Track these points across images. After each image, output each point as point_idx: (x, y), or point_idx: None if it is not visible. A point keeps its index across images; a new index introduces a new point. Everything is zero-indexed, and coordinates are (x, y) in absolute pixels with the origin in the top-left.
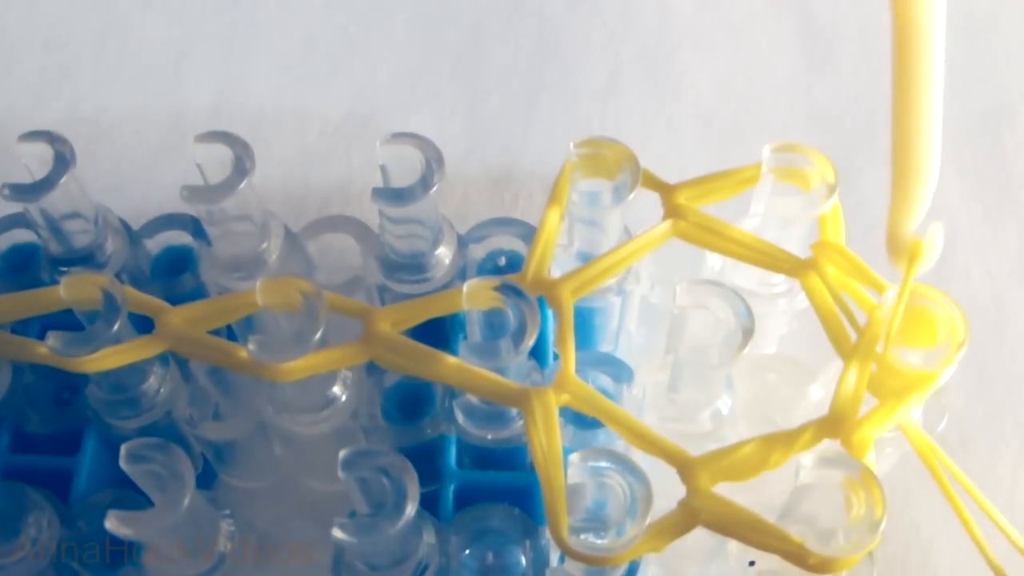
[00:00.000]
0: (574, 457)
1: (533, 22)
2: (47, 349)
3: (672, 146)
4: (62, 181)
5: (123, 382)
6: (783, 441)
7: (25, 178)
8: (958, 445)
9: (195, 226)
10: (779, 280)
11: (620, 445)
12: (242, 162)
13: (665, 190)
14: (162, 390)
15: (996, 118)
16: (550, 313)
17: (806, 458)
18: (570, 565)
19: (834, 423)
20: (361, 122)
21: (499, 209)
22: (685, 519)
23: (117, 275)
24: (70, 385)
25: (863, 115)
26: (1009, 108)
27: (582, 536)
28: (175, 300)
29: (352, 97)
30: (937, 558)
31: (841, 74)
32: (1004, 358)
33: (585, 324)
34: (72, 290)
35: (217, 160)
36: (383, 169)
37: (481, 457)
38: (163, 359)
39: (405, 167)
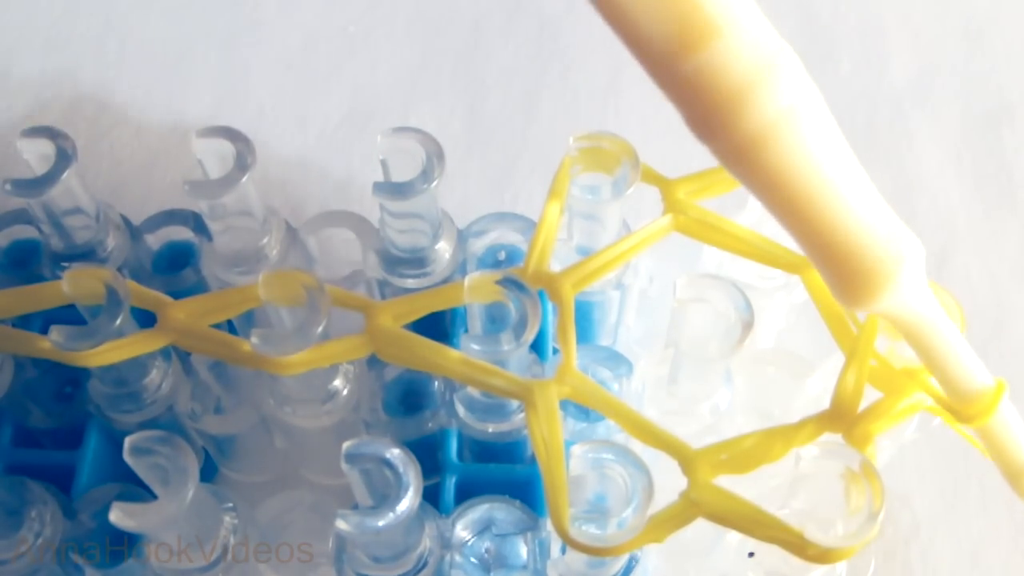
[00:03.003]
0: (576, 449)
1: (533, 22)
2: (50, 343)
3: (672, 145)
4: (64, 176)
5: (125, 376)
6: (785, 434)
7: (27, 174)
8: (958, 445)
9: (196, 221)
10: (777, 274)
11: (620, 438)
12: (243, 157)
13: (664, 185)
14: (164, 384)
15: (996, 118)
16: (550, 307)
17: (806, 449)
18: (571, 556)
19: (835, 417)
20: (361, 122)
21: (499, 208)
22: (686, 511)
23: (118, 270)
24: (72, 380)
25: (863, 115)
26: (1009, 108)
27: (583, 527)
28: (176, 295)
29: (352, 97)
30: (937, 558)
31: (841, 74)
32: (1004, 358)
33: (584, 318)
34: (75, 284)
35: (218, 155)
36: (383, 164)
37: (482, 450)
38: (165, 353)
39: (405, 162)
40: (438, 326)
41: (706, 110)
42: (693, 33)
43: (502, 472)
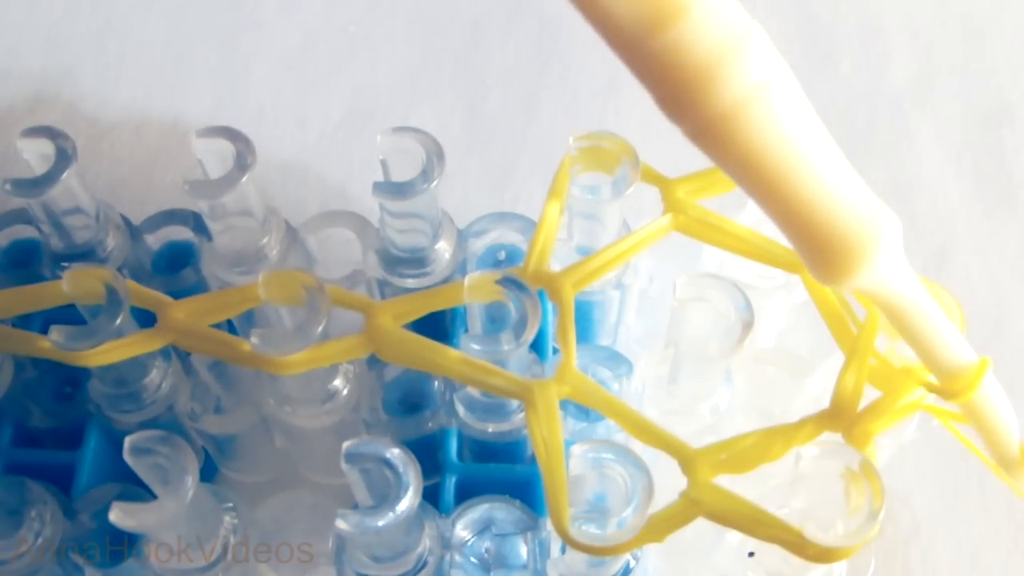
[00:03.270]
0: (576, 448)
1: (533, 22)
2: (50, 343)
3: (672, 145)
4: (63, 176)
5: (125, 376)
6: (784, 434)
7: (27, 174)
8: (958, 445)
9: (196, 221)
10: (777, 274)
11: (620, 438)
12: (243, 157)
13: (664, 184)
14: (164, 384)
15: (996, 118)
16: (550, 306)
17: (806, 448)
18: (571, 556)
19: (835, 416)
20: (361, 121)
21: (499, 208)
22: (686, 510)
23: (118, 270)
24: (72, 380)
25: (863, 115)
26: (1009, 108)
27: (583, 527)
28: (176, 295)
29: (352, 97)
30: (937, 558)
31: (841, 74)
32: (1004, 358)
33: (584, 318)
34: (75, 284)
35: (218, 155)
36: (383, 163)
37: (482, 449)
38: (165, 353)
39: (405, 162)
40: (438, 326)
41: (676, 88)
42: (661, 11)
43: (502, 472)
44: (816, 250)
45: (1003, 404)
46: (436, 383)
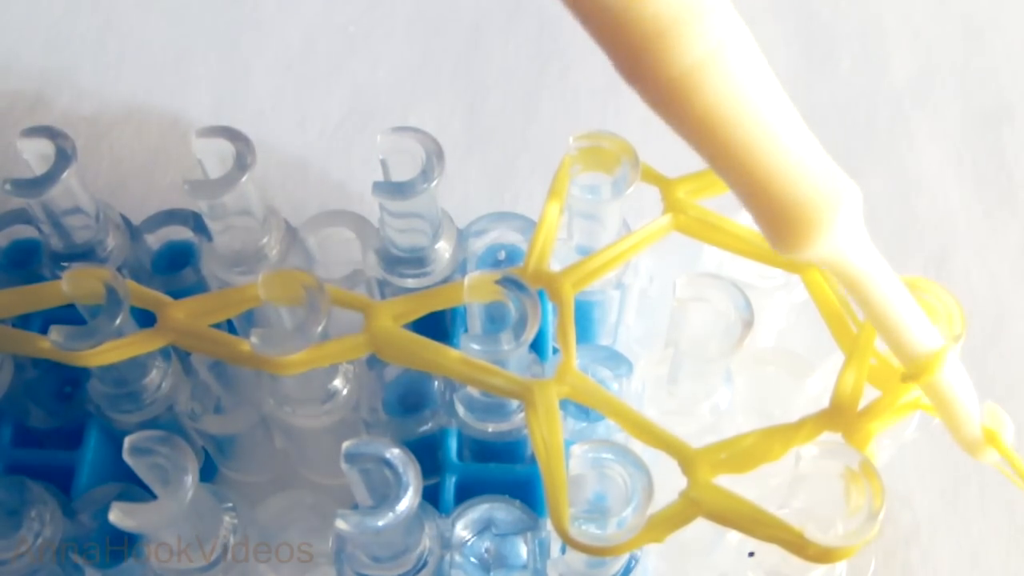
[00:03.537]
0: (575, 448)
1: (533, 22)
2: (50, 343)
3: (672, 145)
4: (63, 176)
5: (125, 376)
6: (784, 433)
7: (27, 174)
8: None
9: (196, 221)
10: (777, 273)
11: (620, 438)
12: (243, 157)
13: (664, 184)
14: (164, 384)
15: (996, 118)
16: (550, 306)
17: (806, 448)
18: (571, 556)
19: (834, 416)
20: (361, 121)
21: (499, 208)
22: (686, 510)
23: (118, 270)
24: (72, 380)
25: (863, 115)
26: (1009, 108)
27: (583, 527)
28: (176, 295)
29: (352, 96)
30: (937, 558)
31: (841, 74)
32: (1004, 358)
33: (584, 318)
34: (75, 284)
35: (218, 155)
36: (383, 163)
37: (482, 449)
38: (165, 353)
39: (405, 161)
40: (438, 326)
41: (633, 51)
42: None
43: (502, 472)
44: (774, 217)
45: (965, 388)
46: (436, 383)
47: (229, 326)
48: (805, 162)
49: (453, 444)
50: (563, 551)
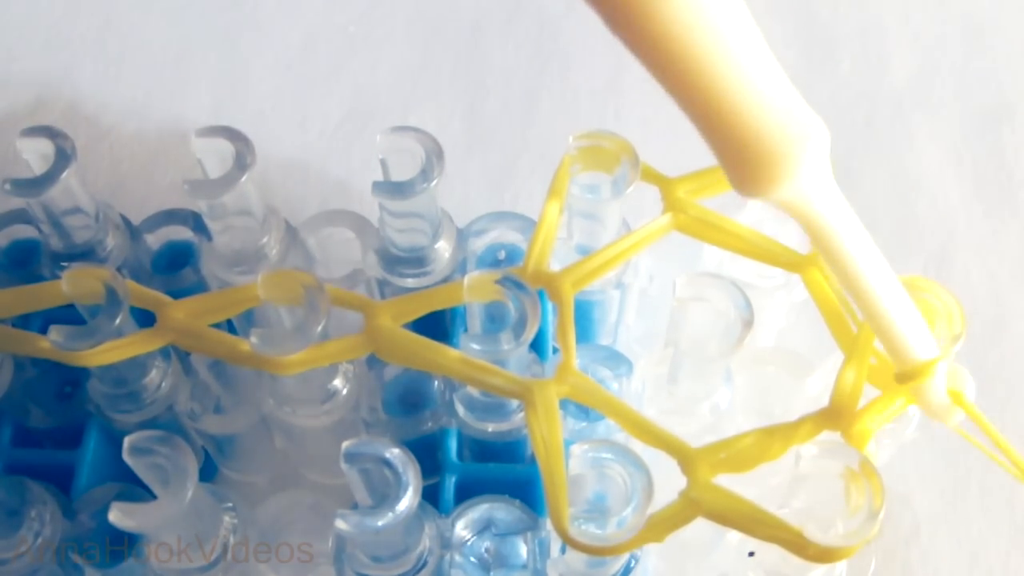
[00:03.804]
0: (575, 448)
1: (533, 22)
2: (49, 343)
3: (672, 146)
4: (63, 176)
5: (125, 376)
6: (783, 433)
7: (27, 174)
8: (958, 445)
9: (196, 221)
10: (777, 273)
11: (620, 437)
12: (243, 157)
13: (664, 184)
14: (163, 384)
15: (996, 118)
16: (550, 306)
17: (806, 448)
18: (571, 556)
19: (834, 415)
20: (361, 122)
21: (499, 208)
22: (686, 510)
23: (118, 270)
24: (72, 380)
25: (863, 115)
26: (1009, 108)
27: (583, 527)
28: (176, 295)
29: (352, 96)
30: (937, 558)
31: (841, 74)
32: (1004, 358)
33: (584, 317)
34: (74, 284)
35: (218, 155)
36: (383, 163)
37: (482, 449)
38: (164, 353)
39: (405, 161)
40: (438, 326)
41: None
42: None
43: (502, 472)
44: (737, 153)
45: (918, 326)
46: (436, 383)
47: (229, 326)
48: (772, 94)
49: (453, 444)
50: (563, 551)
